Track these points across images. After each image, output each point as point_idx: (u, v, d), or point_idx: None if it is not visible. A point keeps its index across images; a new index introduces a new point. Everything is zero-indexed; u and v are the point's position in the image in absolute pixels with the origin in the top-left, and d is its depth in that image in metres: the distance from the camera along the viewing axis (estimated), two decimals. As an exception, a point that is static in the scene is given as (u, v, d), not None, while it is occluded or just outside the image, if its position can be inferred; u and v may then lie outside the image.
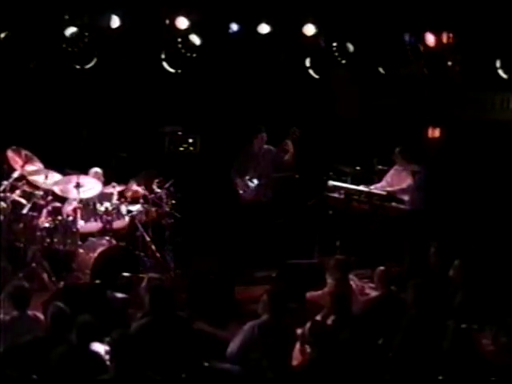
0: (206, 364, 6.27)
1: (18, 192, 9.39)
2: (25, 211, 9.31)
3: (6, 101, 10.66)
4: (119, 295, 7.69)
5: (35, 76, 10.80)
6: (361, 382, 5.73)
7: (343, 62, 10.95)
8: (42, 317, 6.51)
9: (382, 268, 7.51)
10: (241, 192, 10.75)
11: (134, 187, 9.86)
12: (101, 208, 9.55)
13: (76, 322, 5.82)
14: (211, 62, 11.18)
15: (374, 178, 10.70)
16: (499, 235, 10.48)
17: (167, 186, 10.16)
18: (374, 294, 7.89)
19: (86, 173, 9.69)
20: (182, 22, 10.15)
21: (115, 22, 9.82)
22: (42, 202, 9.45)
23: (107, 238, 9.43)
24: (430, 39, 10.77)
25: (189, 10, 10.18)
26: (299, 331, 6.65)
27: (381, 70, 11.07)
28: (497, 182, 11.33)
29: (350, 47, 10.85)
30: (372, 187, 10.41)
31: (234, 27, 10.58)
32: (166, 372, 5.84)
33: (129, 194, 9.87)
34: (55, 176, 9.44)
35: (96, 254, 9.05)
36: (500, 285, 7.99)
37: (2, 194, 9.23)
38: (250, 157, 10.76)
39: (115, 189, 9.76)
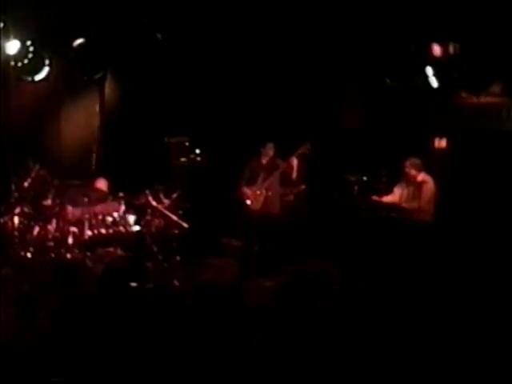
0: None
1: (26, 203, 9.42)
2: (33, 221, 9.34)
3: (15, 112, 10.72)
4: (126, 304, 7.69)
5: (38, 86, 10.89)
6: None
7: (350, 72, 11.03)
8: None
9: None
10: (248, 203, 10.74)
11: None
12: (108, 218, 9.58)
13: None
14: (218, 73, 11.23)
15: (381, 188, 10.70)
16: (508, 247, 10.43)
17: (174, 196, 10.20)
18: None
19: (93, 183, 9.72)
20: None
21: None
22: (50, 212, 9.48)
23: (115, 248, 9.46)
24: (437, 50, 10.78)
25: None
26: None
27: (387, 80, 11.10)
28: (505, 192, 11.29)
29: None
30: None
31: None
32: None
33: None
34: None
35: (103, 265, 9.07)
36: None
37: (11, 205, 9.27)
38: (259, 168, 10.75)
39: (122, 199, 9.80)
